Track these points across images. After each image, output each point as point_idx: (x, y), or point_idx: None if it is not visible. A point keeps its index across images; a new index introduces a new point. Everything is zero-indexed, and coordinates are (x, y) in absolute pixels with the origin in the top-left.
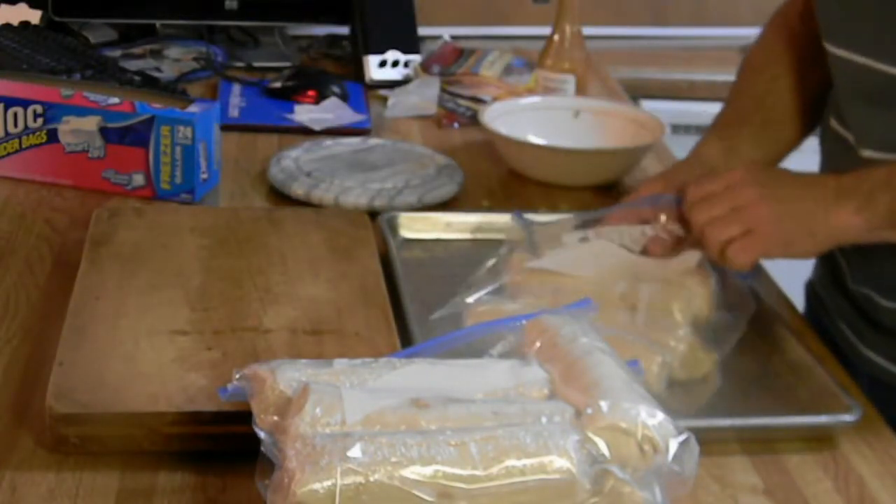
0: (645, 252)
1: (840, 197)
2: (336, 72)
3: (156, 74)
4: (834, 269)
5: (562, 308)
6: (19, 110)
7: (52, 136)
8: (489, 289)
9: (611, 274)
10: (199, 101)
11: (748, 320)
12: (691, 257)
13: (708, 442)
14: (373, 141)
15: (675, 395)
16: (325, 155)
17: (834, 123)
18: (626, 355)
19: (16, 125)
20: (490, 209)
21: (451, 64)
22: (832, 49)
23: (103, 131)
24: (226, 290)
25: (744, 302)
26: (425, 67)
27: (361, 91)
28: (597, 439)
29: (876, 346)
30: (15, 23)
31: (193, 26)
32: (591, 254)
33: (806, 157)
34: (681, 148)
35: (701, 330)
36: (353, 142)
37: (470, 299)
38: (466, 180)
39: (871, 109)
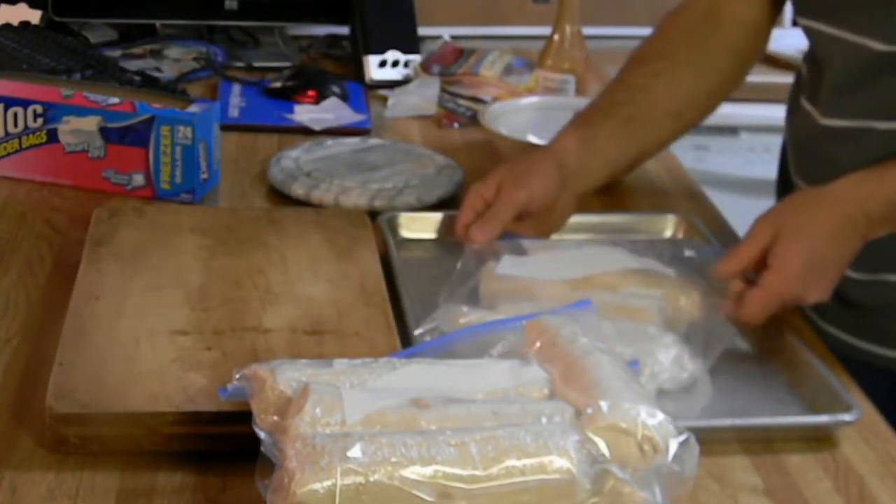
0: None
1: (877, 228)
2: (336, 72)
3: (156, 74)
4: None
5: (562, 308)
6: (19, 110)
7: (52, 136)
8: (467, 299)
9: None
10: (199, 101)
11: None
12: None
13: (708, 442)
14: (373, 141)
15: (667, 403)
16: (325, 155)
17: (805, 103)
18: None
19: (16, 125)
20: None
21: (451, 64)
22: (810, 24)
23: (103, 131)
24: (226, 290)
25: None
26: (425, 67)
27: (361, 91)
28: (597, 439)
29: (839, 321)
30: (15, 23)
31: (193, 26)
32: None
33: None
34: (680, 148)
35: (689, 336)
36: (353, 142)
37: (454, 312)
38: (466, 180)
39: (848, 81)
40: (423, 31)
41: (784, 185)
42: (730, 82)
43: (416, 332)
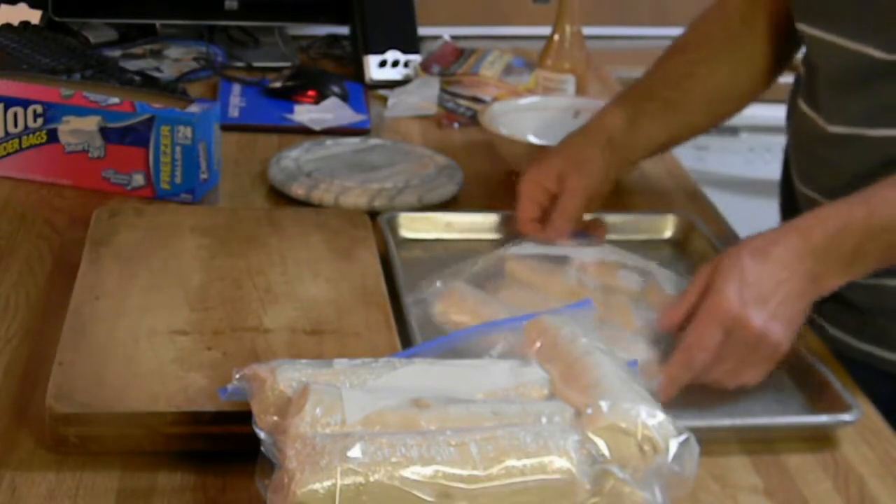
0: None
1: (826, 264)
2: (336, 72)
3: (156, 74)
4: None
5: (562, 308)
6: (19, 110)
7: (52, 136)
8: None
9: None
10: (199, 101)
11: None
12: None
13: (708, 442)
14: (373, 141)
15: None
16: (325, 155)
17: (803, 106)
18: None
19: (16, 125)
20: (489, 209)
21: (451, 64)
22: (806, 29)
23: (103, 131)
24: (226, 290)
25: None
26: (425, 67)
27: (361, 91)
28: (597, 439)
29: (842, 324)
30: (15, 23)
31: (193, 26)
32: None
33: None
34: (680, 148)
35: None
36: (353, 142)
37: (449, 287)
38: (466, 180)
39: (843, 87)
40: (423, 31)
41: (787, 187)
42: (762, 80)
43: (408, 299)
